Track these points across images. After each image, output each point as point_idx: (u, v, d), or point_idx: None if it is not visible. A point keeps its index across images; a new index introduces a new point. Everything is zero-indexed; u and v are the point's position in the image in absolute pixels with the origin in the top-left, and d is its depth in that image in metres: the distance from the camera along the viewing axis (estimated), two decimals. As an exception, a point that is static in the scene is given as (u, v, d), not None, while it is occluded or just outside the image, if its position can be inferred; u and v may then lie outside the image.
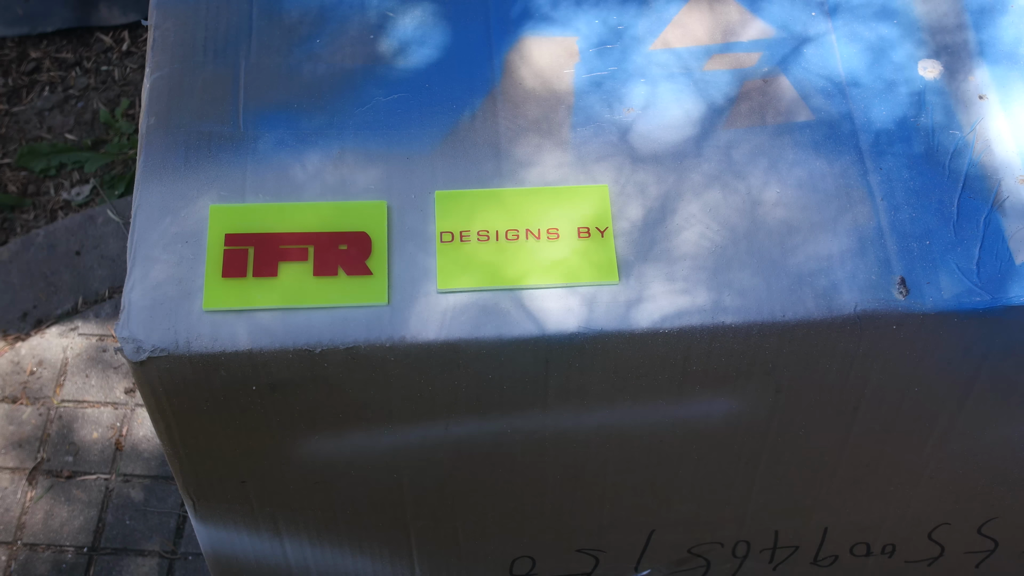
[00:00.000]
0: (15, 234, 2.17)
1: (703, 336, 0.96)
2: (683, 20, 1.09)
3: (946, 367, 1.01)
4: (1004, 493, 1.19)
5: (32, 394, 1.92)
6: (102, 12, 2.40)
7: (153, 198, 0.99)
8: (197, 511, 1.11)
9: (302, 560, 1.18)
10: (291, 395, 0.97)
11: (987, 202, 1.00)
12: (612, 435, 1.05)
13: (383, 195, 1.00)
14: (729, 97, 1.05)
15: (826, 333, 0.97)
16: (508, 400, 1.00)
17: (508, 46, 1.07)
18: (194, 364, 0.93)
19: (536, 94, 1.05)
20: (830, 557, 1.27)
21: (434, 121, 1.03)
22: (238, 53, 1.06)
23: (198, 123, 1.02)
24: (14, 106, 2.32)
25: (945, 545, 1.26)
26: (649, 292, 0.96)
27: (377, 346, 0.94)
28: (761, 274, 0.97)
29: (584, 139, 1.03)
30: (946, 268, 0.97)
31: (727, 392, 1.01)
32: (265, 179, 1.00)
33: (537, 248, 0.98)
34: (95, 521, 1.82)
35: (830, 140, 1.03)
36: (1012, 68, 1.07)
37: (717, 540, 1.22)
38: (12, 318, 2.01)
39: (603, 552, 1.22)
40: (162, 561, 1.79)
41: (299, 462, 1.05)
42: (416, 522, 1.14)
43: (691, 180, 1.01)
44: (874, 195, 1.00)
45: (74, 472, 1.86)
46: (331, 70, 1.05)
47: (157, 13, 1.08)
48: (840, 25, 1.09)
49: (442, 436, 1.03)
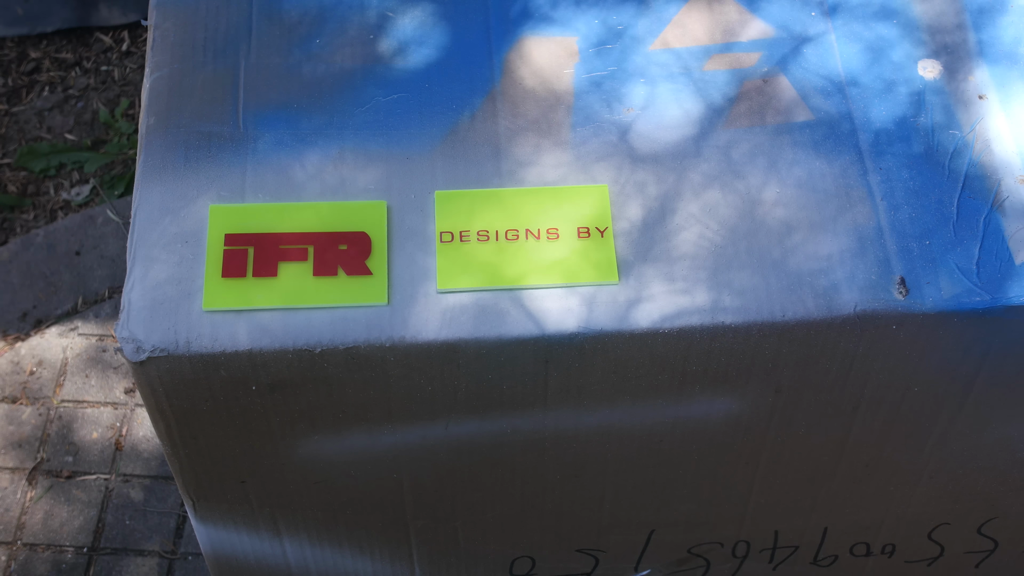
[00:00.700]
0: (15, 234, 2.17)
1: (703, 336, 0.96)
2: (683, 20, 1.09)
3: (946, 367, 1.01)
4: (1004, 493, 1.19)
5: (32, 394, 1.92)
6: (102, 12, 2.40)
7: (153, 198, 0.99)
8: (197, 511, 1.11)
9: (302, 560, 1.18)
10: (291, 395, 0.97)
11: (987, 202, 1.00)
12: (612, 435, 1.05)
13: (383, 195, 1.00)
14: (729, 97, 1.05)
15: (826, 333, 0.97)
16: (508, 400, 1.00)
17: (508, 46, 1.07)
18: (194, 364, 0.93)
19: (536, 94, 1.05)
20: (830, 557, 1.27)
21: (434, 121, 1.03)
22: (238, 53, 1.06)
23: (198, 123, 1.02)
24: (14, 106, 2.32)
25: (945, 545, 1.26)
26: (649, 292, 0.96)
27: (377, 346, 0.94)
28: (761, 274, 0.97)
29: (584, 139, 1.03)
30: (946, 268, 0.97)
31: (727, 392, 1.01)
32: (265, 179, 1.00)
33: (537, 248, 0.98)
34: (95, 521, 1.82)
35: (830, 140, 1.03)
36: (1012, 68, 1.07)
37: (717, 540, 1.22)
38: (12, 318, 2.01)
39: (603, 552, 1.22)
40: (162, 561, 1.79)
41: (299, 462, 1.05)
42: (416, 522, 1.14)
43: (691, 180, 1.01)
44: (874, 195, 1.00)
45: (74, 472, 1.86)
46: (331, 70, 1.05)
47: (157, 13, 1.08)
48: (840, 25, 1.09)
49: (442, 436, 1.03)
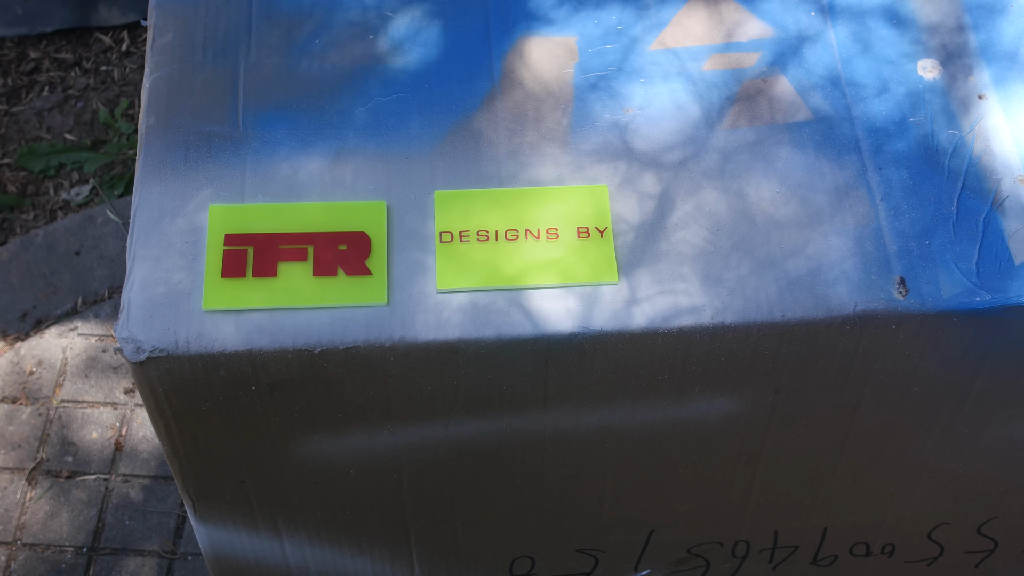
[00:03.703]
0: (14, 234, 2.17)
1: (702, 336, 0.96)
2: (682, 20, 1.09)
3: (946, 367, 1.01)
4: (1004, 493, 1.19)
5: (31, 394, 1.92)
6: (101, 12, 2.40)
7: (153, 198, 0.99)
8: (197, 511, 1.11)
9: (301, 560, 1.18)
10: (291, 395, 0.97)
11: (986, 202, 1.00)
12: (612, 435, 1.05)
13: (382, 195, 1.00)
14: (728, 97, 1.05)
15: (826, 333, 0.97)
16: (508, 400, 1.00)
17: (507, 46, 1.07)
18: (194, 364, 0.93)
19: (535, 94, 1.05)
20: (830, 557, 1.27)
21: (433, 121, 1.03)
22: (237, 53, 1.06)
23: (198, 123, 1.02)
24: (13, 106, 2.32)
25: (945, 545, 1.26)
26: (648, 292, 0.96)
27: (376, 346, 0.94)
28: (760, 274, 0.97)
29: (583, 139, 1.03)
30: (946, 268, 0.97)
31: (727, 392, 1.01)
32: (264, 179, 1.00)
33: (536, 248, 0.98)
34: (94, 521, 1.82)
35: (829, 140, 1.03)
36: (1011, 68, 1.07)
37: (716, 540, 1.22)
38: (11, 318, 2.01)
39: (603, 552, 1.22)
40: (161, 561, 1.79)
41: (299, 462, 1.05)
42: (416, 522, 1.14)
43: (690, 179, 1.01)
44: (873, 195, 1.00)
45: (73, 472, 1.86)
46: (330, 70, 1.05)
47: (156, 13, 1.08)
48: (839, 25, 1.09)
49: (442, 436, 1.03)
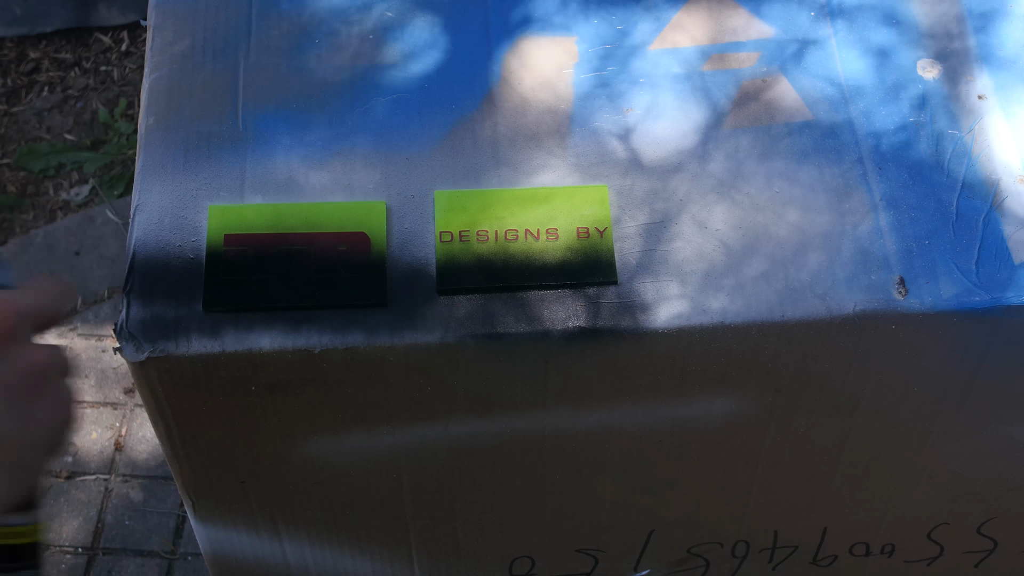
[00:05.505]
0: (14, 234, 2.16)
1: (703, 336, 0.96)
2: (682, 21, 1.09)
3: (946, 367, 1.01)
4: (1004, 493, 1.19)
5: (31, 394, 1.92)
6: (101, 12, 2.40)
7: (152, 198, 0.99)
8: (196, 511, 1.11)
9: (301, 560, 1.18)
10: (291, 395, 0.97)
11: (986, 202, 1.00)
12: (612, 435, 1.05)
13: (382, 195, 1.00)
14: (729, 97, 1.05)
15: (825, 333, 0.97)
16: (508, 400, 1.00)
17: (507, 46, 1.07)
18: (194, 364, 0.93)
19: (535, 94, 1.05)
20: (829, 557, 1.27)
21: (433, 121, 1.03)
22: (237, 53, 1.06)
23: (197, 123, 1.02)
24: (13, 106, 2.32)
25: (944, 545, 1.26)
26: (648, 292, 0.96)
27: (376, 346, 0.94)
28: (760, 274, 0.97)
29: (583, 139, 1.03)
30: (945, 268, 0.97)
31: (727, 392, 1.01)
32: (264, 179, 1.00)
33: (536, 248, 0.98)
34: (94, 521, 1.82)
35: (829, 140, 1.03)
36: (1012, 68, 1.07)
37: (716, 540, 1.22)
38: (11, 318, 2.00)
39: (602, 552, 1.22)
40: (161, 561, 1.79)
41: (299, 462, 1.05)
42: (416, 522, 1.14)
43: (690, 180, 1.01)
44: (873, 195, 1.00)
45: (73, 472, 1.86)
46: (330, 70, 1.05)
47: (156, 13, 1.08)
48: (840, 26, 1.09)
49: (441, 436, 1.03)
